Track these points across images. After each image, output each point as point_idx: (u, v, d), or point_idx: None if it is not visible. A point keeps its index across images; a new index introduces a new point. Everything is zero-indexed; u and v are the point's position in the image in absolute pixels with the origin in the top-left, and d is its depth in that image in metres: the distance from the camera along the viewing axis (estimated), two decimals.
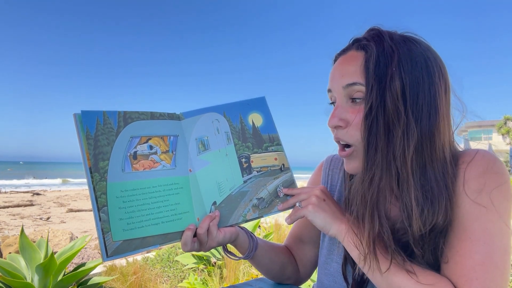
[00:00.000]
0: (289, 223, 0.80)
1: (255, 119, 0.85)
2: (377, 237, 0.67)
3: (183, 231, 0.73)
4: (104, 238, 0.65)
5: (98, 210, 0.66)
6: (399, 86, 0.66)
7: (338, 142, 0.75)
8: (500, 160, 0.68)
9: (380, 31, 0.73)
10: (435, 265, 0.68)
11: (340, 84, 0.72)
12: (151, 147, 0.75)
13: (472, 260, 0.62)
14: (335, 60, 0.78)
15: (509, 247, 0.63)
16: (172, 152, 0.77)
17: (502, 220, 0.63)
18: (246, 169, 0.82)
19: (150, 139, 0.75)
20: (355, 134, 0.71)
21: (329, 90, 0.77)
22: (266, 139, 0.85)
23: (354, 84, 0.70)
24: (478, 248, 0.62)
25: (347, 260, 0.80)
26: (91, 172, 0.68)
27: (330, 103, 0.78)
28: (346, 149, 0.74)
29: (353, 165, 0.74)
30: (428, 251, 0.67)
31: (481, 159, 0.67)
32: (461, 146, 0.74)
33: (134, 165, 0.72)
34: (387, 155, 0.66)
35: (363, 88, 0.69)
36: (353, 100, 0.71)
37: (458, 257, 0.63)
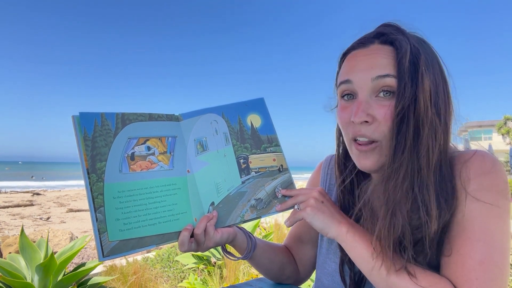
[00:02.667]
0: (288, 226, 0.79)
1: (254, 120, 0.85)
2: (397, 237, 0.65)
3: (180, 232, 0.73)
4: (100, 238, 0.65)
5: (95, 211, 0.67)
6: (428, 85, 0.65)
7: (355, 139, 0.72)
8: (498, 160, 0.67)
9: (400, 27, 0.71)
10: (436, 266, 0.67)
11: (368, 75, 0.68)
12: (148, 148, 0.75)
13: (472, 260, 0.61)
14: (344, 54, 0.76)
15: (509, 246, 0.63)
16: (170, 153, 0.77)
17: (502, 219, 0.63)
18: (244, 169, 0.82)
19: (148, 140, 0.75)
20: (383, 130, 0.68)
21: (348, 81, 0.71)
22: (265, 140, 0.84)
23: (387, 76, 0.67)
24: (478, 247, 0.62)
25: (344, 260, 0.80)
26: (88, 173, 0.68)
27: (343, 96, 0.74)
28: (370, 144, 0.70)
29: (371, 161, 0.71)
30: (434, 250, 0.66)
31: (479, 159, 0.67)
32: (461, 146, 0.74)
33: (131, 166, 0.72)
34: (413, 154, 0.65)
35: (394, 82, 0.67)
36: (378, 95, 0.69)
37: (458, 257, 0.63)
